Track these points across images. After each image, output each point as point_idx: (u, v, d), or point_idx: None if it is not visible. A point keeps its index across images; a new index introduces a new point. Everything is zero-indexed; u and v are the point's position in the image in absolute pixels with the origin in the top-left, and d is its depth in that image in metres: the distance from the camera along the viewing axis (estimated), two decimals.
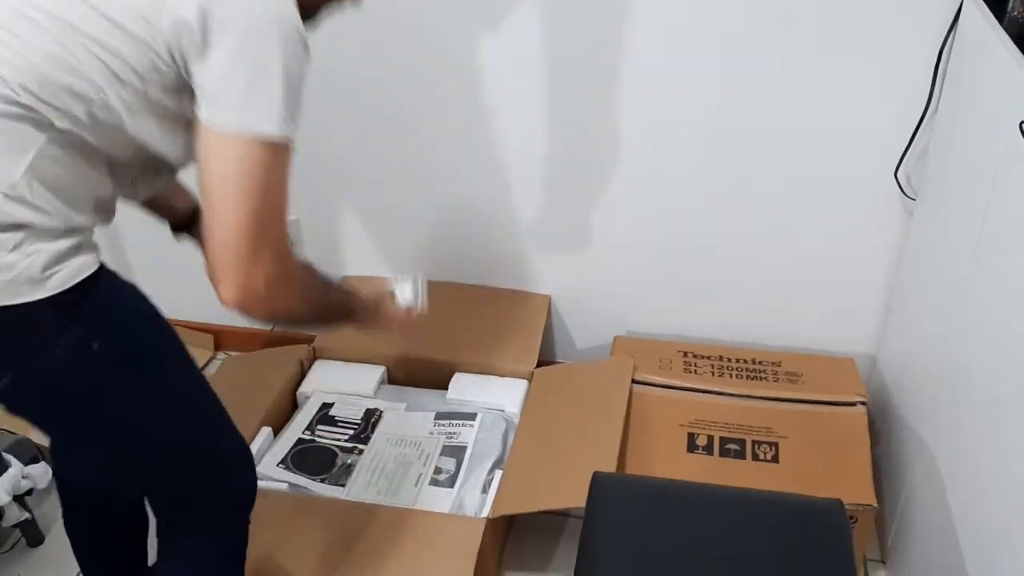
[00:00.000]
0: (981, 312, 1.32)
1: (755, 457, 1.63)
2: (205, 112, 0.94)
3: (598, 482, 1.26)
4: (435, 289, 2.06)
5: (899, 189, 1.67)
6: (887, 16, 1.54)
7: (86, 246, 1.01)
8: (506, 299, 1.97)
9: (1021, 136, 1.10)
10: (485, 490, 1.61)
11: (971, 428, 1.33)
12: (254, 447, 1.67)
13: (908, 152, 1.63)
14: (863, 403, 1.71)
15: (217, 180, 0.95)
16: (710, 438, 1.67)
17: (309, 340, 1.95)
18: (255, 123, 0.93)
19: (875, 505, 1.53)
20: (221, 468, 1.20)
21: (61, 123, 0.94)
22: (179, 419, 1.11)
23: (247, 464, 1.25)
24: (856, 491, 1.55)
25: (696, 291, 1.89)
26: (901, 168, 1.65)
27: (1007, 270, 1.23)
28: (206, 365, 2.14)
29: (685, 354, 1.84)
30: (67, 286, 0.97)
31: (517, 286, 1.99)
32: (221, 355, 2.18)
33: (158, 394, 1.08)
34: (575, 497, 1.32)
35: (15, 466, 1.61)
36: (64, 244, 0.97)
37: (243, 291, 0.96)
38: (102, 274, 1.02)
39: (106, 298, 1.02)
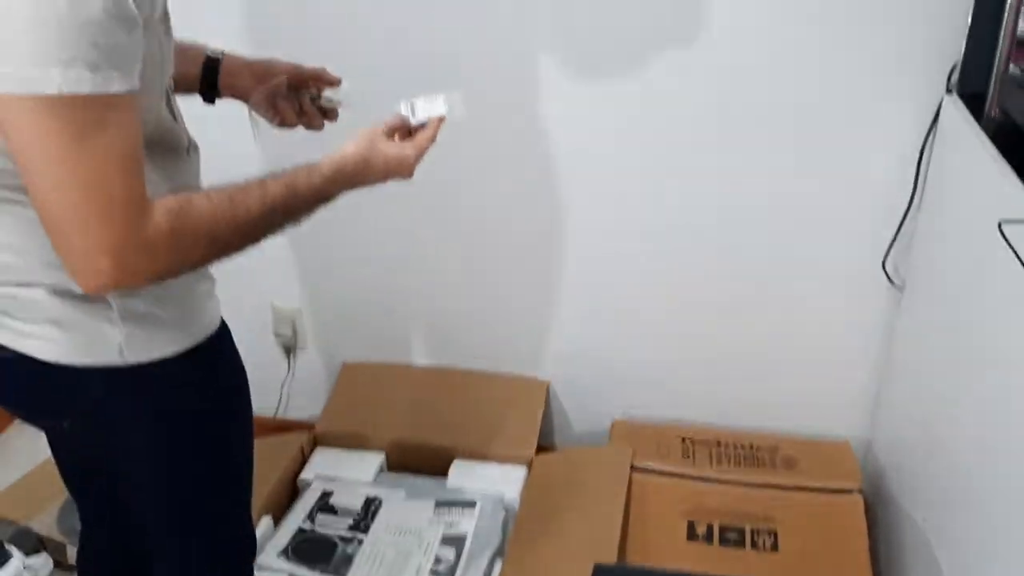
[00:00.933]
0: (968, 398, 1.35)
1: (754, 546, 1.64)
2: None
3: (599, 573, 1.27)
4: (433, 375, 2.12)
5: (887, 279, 1.72)
6: (871, 109, 1.60)
7: (174, 312, 1.01)
8: (504, 384, 2.00)
9: (1000, 235, 1.14)
10: None
11: (964, 512, 1.34)
12: (256, 535, 1.67)
13: (895, 243, 1.68)
14: (859, 491, 1.72)
15: (21, 157, 0.81)
16: (709, 526, 1.67)
17: (309, 429, 1.96)
18: (33, 81, 0.76)
19: None
20: (233, 551, 1.21)
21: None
22: (220, 493, 1.14)
23: (252, 553, 1.26)
24: None
25: (692, 376, 1.92)
26: (889, 258, 1.70)
27: (992, 359, 1.26)
28: None
29: (683, 439, 1.86)
30: (142, 360, 0.98)
31: (515, 371, 2.01)
32: None
33: (213, 466, 1.11)
34: None
35: (16, 557, 1.62)
36: (143, 308, 0.98)
37: (96, 277, 0.84)
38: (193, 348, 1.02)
39: (191, 371, 1.03)
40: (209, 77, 1.19)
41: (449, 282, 1.95)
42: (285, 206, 0.96)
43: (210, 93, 1.21)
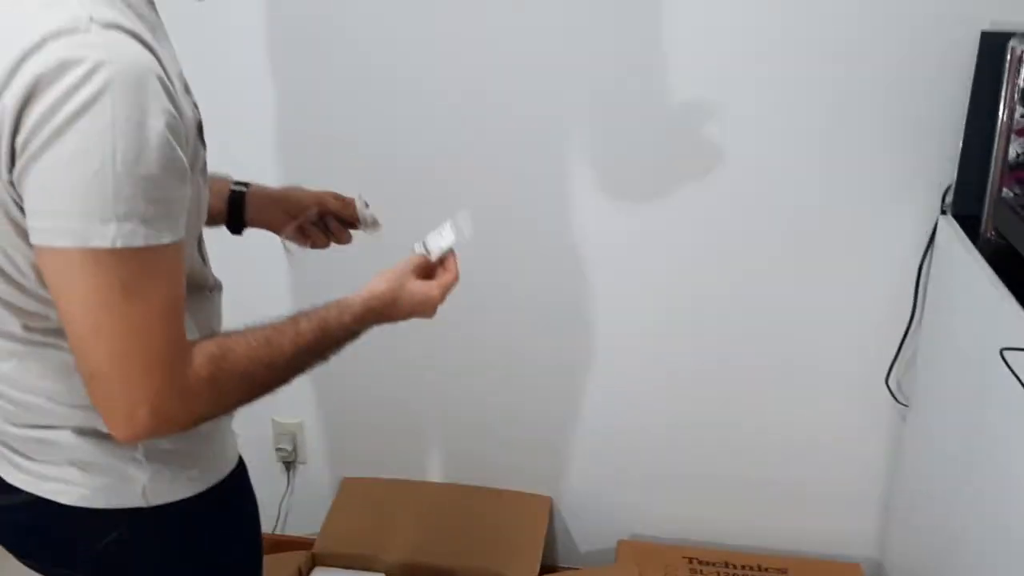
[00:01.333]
0: (978, 525, 1.32)
1: None
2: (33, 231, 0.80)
3: None
4: (434, 491, 2.08)
5: (891, 396, 1.71)
6: (870, 228, 1.63)
7: (191, 453, 0.99)
8: (508, 501, 1.96)
9: (1003, 362, 1.15)
10: None
11: None
12: None
13: (897, 361, 1.68)
14: None
15: (64, 303, 0.81)
16: None
17: (308, 546, 1.92)
18: (88, 234, 0.77)
19: None
20: None
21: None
22: None
23: None
24: None
25: (699, 495, 1.89)
26: (892, 375, 1.70)
27: (999, 484, 1.25)
28: None
29: (691, 560, 1.82)
30: (166, 501, 0.97)
31: (518, 487, 1.98)
32: None
33: None
34: None
35: None
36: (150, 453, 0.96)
37: (133, 428, 0.83)
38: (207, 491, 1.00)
39: (207, 516, 1.01)
40: (235, 212, 1.21)
41: (451, 397, 1.94)
42: (317, 345, 0.96)
43: (237, 226, 1.22)
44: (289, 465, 2.06)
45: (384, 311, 1.04)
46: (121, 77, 0.75)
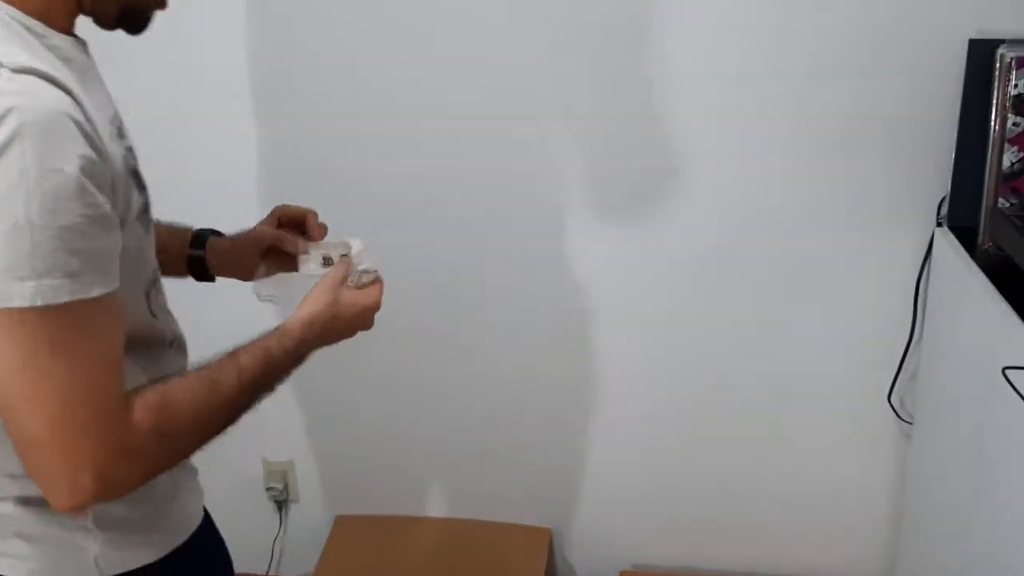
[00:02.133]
0: (988, 546, 1.28)
1: None
2: None
3: None
4: (430, 526, 2.04)
5: (894, 413, 1.67)
6: (866, 243, 1.60)
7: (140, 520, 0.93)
8: (505, 533, 1.92)
9: (1005, 380, 1.11)
10: None
11: None
12: None
13: (899, 377, 1.64)
14: None
15: None
16: None
17: None
18: (8, 294, 0.71)
19: None
20: None
21: None
22: None
23: None
24: None
25: (701, 523, 1.85)
26: (894, 393, 1.65)
27: (1006, 501, 1.20)
28: None
29: None
30: (120, 572, 0.91)
31: (516, 519, 1.94)
32: None
33: None
34: None
35: None
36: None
37: (76, 496, 0.77)
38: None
39: None
40: (198, 271, 1.17)
41: (447, 430, 1.89)
42: (263, 377, 0.92)
43: (203, 277, 1.18)
44: (281, 504, 2.01)
45: (326, 329, 0.99)
46: (32, 122, 0.71)
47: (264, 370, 0.92)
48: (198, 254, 1.16)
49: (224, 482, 2.00)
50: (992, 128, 1.41)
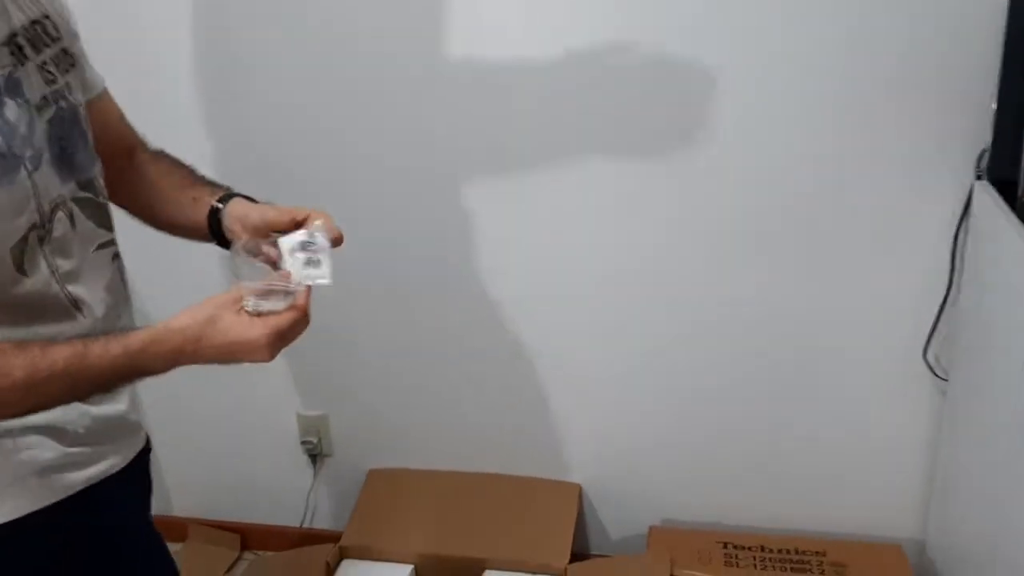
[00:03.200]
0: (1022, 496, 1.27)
1: None
2: None
3: None
4: (461, 481, 2.05)
5: (929, 370, 1.65)
6: (901, 199, 1.57)
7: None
8: (536, 489, 1.93)
9: None
10: None
11: None
12: None
13: (934, 334, 1.62)
14: None
15: None
16: None
17: (335, 539, 1.90)
18: None
19: None
20: None
21: None
22: None
23: None
24: None
25: (733, 478, 1.85)
26: (929, 349, 1.64)
27: None
28: (232, 566, 2.09)
29: (725, 545, 1.78)
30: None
31: (547, 474, 1.95)
32: (248, 555, 2.13)
33: None
34: None
35: None
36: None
37: None
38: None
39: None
40: (216, 229, 1.05)
41: (479, 386, 1.91)
42: (66, 375, 0.81)
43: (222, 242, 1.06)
44: (315, 458, 2.04)
45: (182, 350, 0.85)
46: None
47: (71, 368, 0.82)
48: (218, 207, 1.04)
49: (259, 436, 2.06)
50: None
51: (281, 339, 0.87)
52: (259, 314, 0.86)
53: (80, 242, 0.93)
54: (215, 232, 1.04)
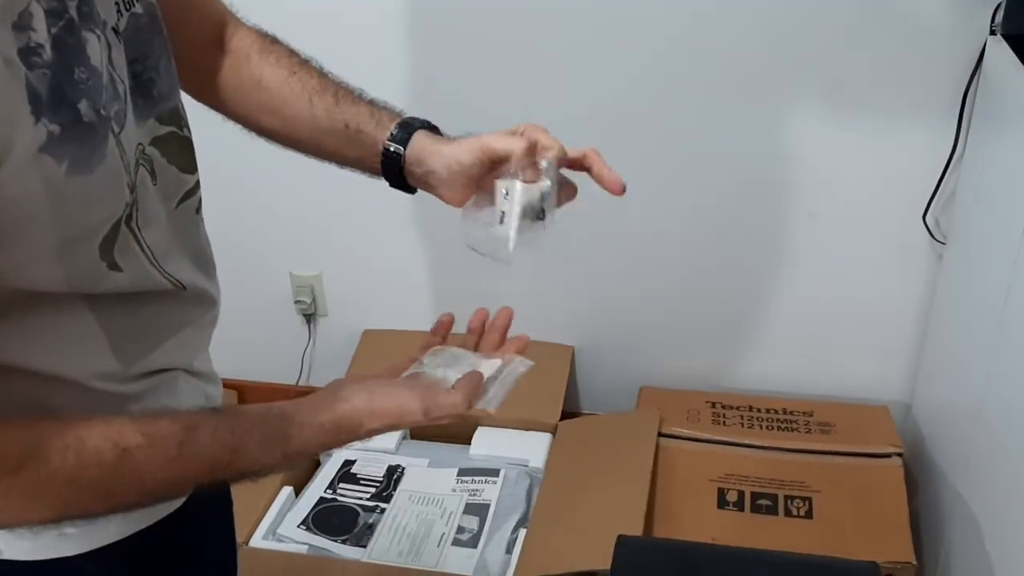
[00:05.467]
0: (1016, 359, 1.27)
1: (788, 513, 1.58)
2: None
3: (623, 546, 1.23)
4: (457, 340, 2.05)
5: (928, 233, 1.63)
6: (910, 57, 1.52)
7: None
8: (528, 350, 1.94)
9: None
10: (509, 550, 1.57)
11: (1011, 478, 1.27)
12: (274, 508, 1.65)
13: (936, 195, 1.59)
14: (899, 454, 1.65)
15: None
16: (741, 493, 1.62)
17: None
18: None
19: (914, 563, 1.47)
20: None
21: None
22: None
23: None
24: (893, 548, 1.49)
25: (724, 339, 1.86)
26: (929, 212, 1.61)
27: None
28: None
29: (713, 404, 1.80)
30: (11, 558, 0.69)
31: (540, 336, 1.96)
32: None
33: None
34: (601, 559, 1.29)
35: None
36: None
37: None
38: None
39: None
40: (393, 175, 0.83)
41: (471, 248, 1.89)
42: (208, 478, 0.64)
43: (403, 187, 0.85)
44: (309, 318, 2.05)
45: (334, 439, 0.71)
46: None
47: (217, 466, 0.65)
48: (395, 151, 0.81)
49: (253, 296, 2.06)
50: None
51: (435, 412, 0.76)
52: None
53: (163, 198, 0.71)
54: (393, 177, 0.82)
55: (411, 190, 0.85)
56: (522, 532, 1.59)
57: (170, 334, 0.74)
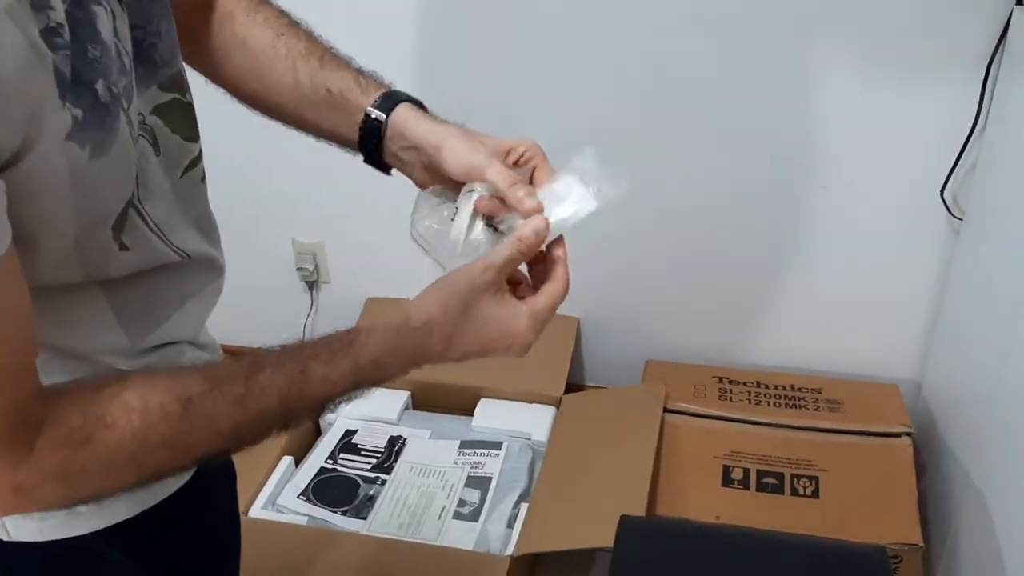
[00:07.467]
0: None
1: (794, 492, 1.56)
2: None
3: (626, 526, 1.20)
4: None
5: (945, 209, 1.59)
6: (932, 28, 1.46)
7: None
8: None
9: None
10: (510, 524, 1.55)
11: (1021, 459, 1.25)
12: (274, 478, 1.64)
13: (955, 171, 1.55)
14: (908, 434, 1.63)
15: None
16: (746, 471, 1.59)
17: None
18: None
19: (921, 544, 1.45)
20: None
21: None
22: None
23: None
24: (901, 529, 1.46)
25: (732, 313, 1.83)
26: (947, 187, 1.57)
27: None
28: None
29: (720, 380, 1.77)
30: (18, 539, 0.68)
31: None
32: None
33: None
34: (603, 537, 1.27)
35: None
36: None
37: None
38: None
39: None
40: (369, 148, 0.77)
41: None
42: (282, 413, 0.61)
43: (377, 164, 0.79)
44: (312, 285, 2.02)
45: (426, 354, 0.67)
46: None
47: (286, 400, 0.61)
48: (376, 118, 0.75)
49: (255, 262, 2.03)
50: None
51: (542, 327, 0.70)
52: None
53: (166, 169, 0.68)
54: (369, 150, 0.76)
55: (386, 169, 0.80)
56: (524, 507, 1.57)
57: (177, 305, 0.73)
